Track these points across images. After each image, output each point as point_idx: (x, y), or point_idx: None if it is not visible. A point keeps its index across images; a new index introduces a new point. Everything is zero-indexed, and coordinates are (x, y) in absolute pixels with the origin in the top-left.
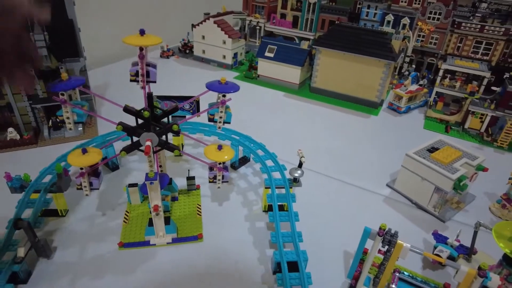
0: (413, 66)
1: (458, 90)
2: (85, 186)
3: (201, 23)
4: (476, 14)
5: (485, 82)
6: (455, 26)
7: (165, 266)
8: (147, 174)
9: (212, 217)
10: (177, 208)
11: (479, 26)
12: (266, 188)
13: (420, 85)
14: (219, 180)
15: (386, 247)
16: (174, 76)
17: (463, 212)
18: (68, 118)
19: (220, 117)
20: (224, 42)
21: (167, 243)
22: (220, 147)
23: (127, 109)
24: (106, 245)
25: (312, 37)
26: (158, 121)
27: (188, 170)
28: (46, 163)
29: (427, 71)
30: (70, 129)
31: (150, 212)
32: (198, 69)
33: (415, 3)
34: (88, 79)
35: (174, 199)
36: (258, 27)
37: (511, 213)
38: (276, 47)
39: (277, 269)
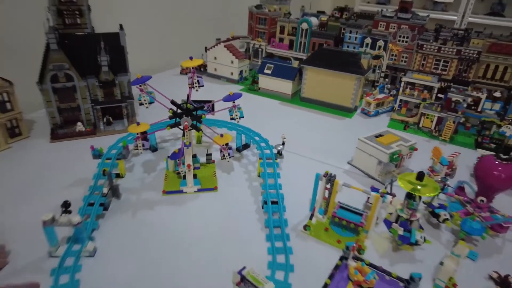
0: (387, 79)
1: (416, 98)
2: (140, 146)
3: (213, 46)
4: (440, 37)
5: (435, 91)
6: (419, 47)
7: (193, 206)
8: (184, 142)
9: (223, 179)
10: (200, 173)
11: (436, 47)
12: (259, 159)
13: (389, 94)
14: (227, 155)
15: (329, 184)
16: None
17: None
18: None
19: (236, 115)
20: (232, 62)
21: (194, 191)
22: (221, 135)
23: (173, 102)
24: (154, 193)
25: (305, 57)
26: (191, 113)
27: (207, 149)
28: (104, 146)
29: (399, 84)
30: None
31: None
32: (211, 83)
33: (391, 28)
34: (131, 88)
35: (197, 168)
36: (260, 49)
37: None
38: (273, 65)
39: (264, 204)
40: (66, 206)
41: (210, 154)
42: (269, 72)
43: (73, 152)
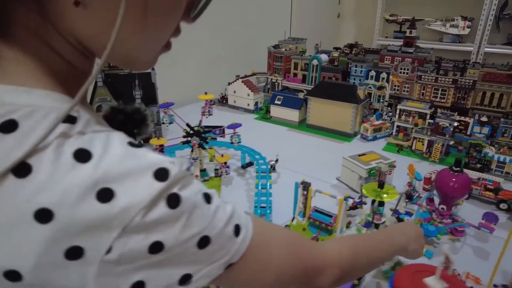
0: (389, 108)
1: (411, 124)
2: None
3: (233, 82)
4: (441, 68)
5: (428, 117)
6: (418, 78)
7: None
8: (192, 157)
9: (227, 189)
10: (208, 184)
11: (434, 77)
12: (256, 173)
13: (385, 120)
14: (224, 172)
15: (305, 192)
16: (215, 117)
17: None
18: None
19: (235, 140)
20: (248, 95)
21: None
22: (222, 155)
23: (188, 125)
24: None
25: None
26: (200, 134)
27: (215, 165)
28: None
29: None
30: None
31: None
32: (230, 113)
33: (396, 61)
34: (160, 115)
35: (206, 180)
36: (277, 83)
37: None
38: (282, 97)
39: (254, 207)
40: None
41: (218, 169)
42: (279, 102)
43: None
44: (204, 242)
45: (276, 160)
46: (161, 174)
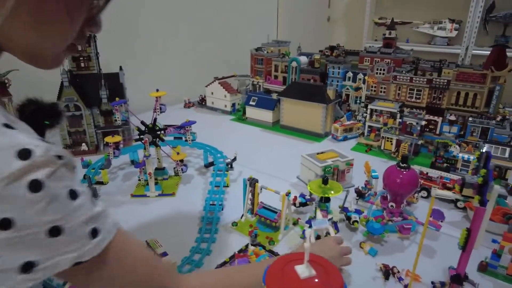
0: (365, 108)
1: (381, 124)
2: (112, 153)
3: (210, 84)
4: (419, 69)
5: (398, 116)
6: (393, 78)
7: (154, 206)
8: (144, 154)
9: (185, 187)
10: (166, 182)
11: (408, 78)
12: (213, 171)
13: (359, 120)
14: (181, 170)
15: (251, 188)
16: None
17: None
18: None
19: (189, 137)
20: (225, 96)
21: (156, 196)
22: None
23: (143, 122)
24: (125, 196)
25: None
26: (155, 132)
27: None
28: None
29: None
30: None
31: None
32: (208, 115)
33: (376, 63)
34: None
35: (165, 179)
36: (258, 85)
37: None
38: (257, 98)
39: (206, 203)
40: None
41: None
42: (254, 103)
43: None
44: (55, 231)
45: (234, 159)
46: (23, 153)
